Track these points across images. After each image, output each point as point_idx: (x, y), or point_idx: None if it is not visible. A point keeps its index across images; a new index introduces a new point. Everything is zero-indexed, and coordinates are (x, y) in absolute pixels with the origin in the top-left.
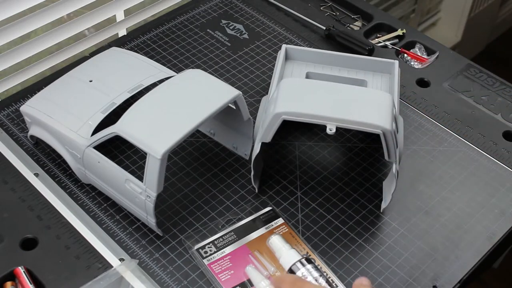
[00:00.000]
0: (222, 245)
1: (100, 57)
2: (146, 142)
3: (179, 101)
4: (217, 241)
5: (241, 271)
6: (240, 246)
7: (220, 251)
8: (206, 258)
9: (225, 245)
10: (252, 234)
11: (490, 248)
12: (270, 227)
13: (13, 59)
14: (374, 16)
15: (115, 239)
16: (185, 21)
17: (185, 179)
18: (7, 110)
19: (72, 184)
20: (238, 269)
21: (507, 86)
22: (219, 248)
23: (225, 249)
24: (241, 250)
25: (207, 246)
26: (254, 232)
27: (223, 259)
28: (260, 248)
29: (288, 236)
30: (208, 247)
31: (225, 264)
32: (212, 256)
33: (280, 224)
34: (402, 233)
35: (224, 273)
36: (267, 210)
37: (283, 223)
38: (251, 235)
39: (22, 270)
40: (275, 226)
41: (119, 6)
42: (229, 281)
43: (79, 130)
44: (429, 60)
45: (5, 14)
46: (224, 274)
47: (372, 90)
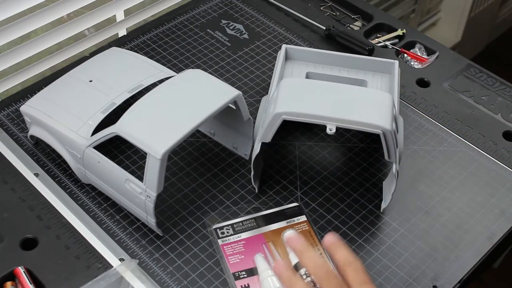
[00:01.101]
0: (240, 229)
1: (100, 57)
2: (146, 142)
3: (179, 101)
4: (236, 225)
5: (251, 258)
6: (257, 234)
7: (237, 235)
8: (221, 239)
9: (243, 230)
10: (271, 225)
11: (490, 248)
12: (291, 222)
13: (13, 59)
14: (374, 16)
15: (115, 239)
16: (185, 21)
17: (185, 179)
18: (7, 110)
19: (72, 184)
20: (249, 255)
21: (507, 86)
22: (236, 232)
23: (241, 234)
24: (257, 238)
25: (225, 228)
26: (274, 223)
27: (237, 243)
28: (276, 240)
29: (306, 234)
30: (226, 228)
31: (238, 248)
32: (227, 238)
33: (302, 221)
34: (402, 233)
35: (235, 256)
36: (293, 205)
37: (305, 221)
38: (271, 226)
39: (22, 270)
40: (296, 222)
41: (119, 6)
42: (237, 264)
43: (79, 130)
44: (429, 60)
45: (5, 14)
46: (234, 257)
47: (372, 90)
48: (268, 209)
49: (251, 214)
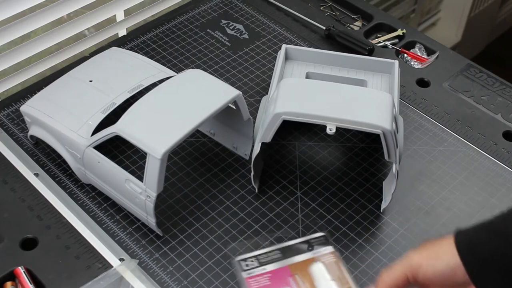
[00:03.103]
0: (265, 261)
1: (100, 57)
2: (146, 142)
3: (179, 101)
4: (261, 256)
5: None
6: (282, 267)
7: (262, 267)
8: (246, 271)
9: (268, 262)
10: (297, 256)
11: None
12: (317, 253)
13: (13, 59)
14: (374, 16)
15: (115, 239)
16: (185, 21)
17: (185, 179)
18: (7, 110)
19: (72, 184)
20: None
21: (507, 86)
22: (261, 264)
23: (266, 266)
24: (282, 271)
25: (250, 260)
26: (300, 254)
27: (262, 275)
28: (302, 272)
29: (333, 266)
30: (251, 260)
31: (263, 281)
32: (252, 271)
33: (328, 252)
34: (402, 233)
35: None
36: (319, 235)
37: (332, 252)
38: (296, 257)
39: (22, 270)
40: (323, 254)
41: (119, 6)
42: None
43: (79, 130)
44: (429, 60)
45: (5, 14)
46: None
47: (372, 90)
48: (292, 238)
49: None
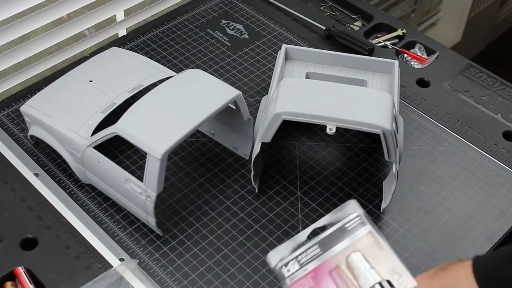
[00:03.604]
0: (305, 261)
1: (100, 57)
2: (146, 142)
3: (179, 101)
4: (301, 256)
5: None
6: (323, 262)
7: (303, 268)
8: (289, 277)
9: (308, 261)
10: (335, 247)
11: (490, 248)
12: (355, 237)
13: (13, 59)
14: (374, 16)
15: (115, 239)
16: (185, 21)
17: (185, 179)
18: (7, 110)
19: (72, 184)
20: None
21: (507, 86)
22: (302, 265)
23: (308, 265)
24: (324, 266)
25: (290, 263)
26: (337, 244)
27: (305, 277)
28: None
29: (372, 248)
30: (291, 263)
31: (307, 283)
32: (294, 275)
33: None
34: (402, 233)
35: None
36: (353, 216)
37: (369, 232)
38: (334, 248)
39: (22, 270)
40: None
41: (119, 6)
42: None
43: (79, 130)
44: (429, 60)
45: (5, 14)
46: None
47: (372, 90)
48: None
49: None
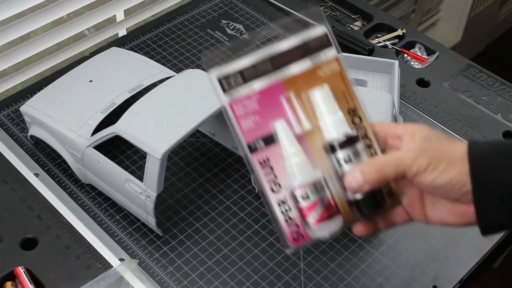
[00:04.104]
0: (252, 76)
1: (100, 57)
2: (146, 142)
3: (179, 101)
4: (246, 70)
5: (269, 118)
6: (274, 83)
7: (248, 85)
8: (228, 93)
9: (256, 77)
10: (292, 66)
11: (490, 248)
12: (317, 60)
13: (13, 59)
14: (374, 16)
15: (115, 239)
16: (185, 21)
17: (185, 179)
18: (7, 110)
19: (72, 184)
20: (266, 115)
21: (507, 86)
22: (246, 81)
23: (254, 83)
24: (274, 88)
25: (232, 77)
26: (295, 64)
27: (250, 98)
28: (298, 89)
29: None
30: (234, 77)
31: (251, 105)
32: (236, 92)
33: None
34: (402, 233)
35: (248, 119)
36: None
37: (335, 58)
38: (291, 68)
39: (22, 270)
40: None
41: (119, 6)
42: (251, 130)
43: (79, 130)
44: (429, 60)
45: (5, 14)
46: (247, 120)
47: (372, 90)
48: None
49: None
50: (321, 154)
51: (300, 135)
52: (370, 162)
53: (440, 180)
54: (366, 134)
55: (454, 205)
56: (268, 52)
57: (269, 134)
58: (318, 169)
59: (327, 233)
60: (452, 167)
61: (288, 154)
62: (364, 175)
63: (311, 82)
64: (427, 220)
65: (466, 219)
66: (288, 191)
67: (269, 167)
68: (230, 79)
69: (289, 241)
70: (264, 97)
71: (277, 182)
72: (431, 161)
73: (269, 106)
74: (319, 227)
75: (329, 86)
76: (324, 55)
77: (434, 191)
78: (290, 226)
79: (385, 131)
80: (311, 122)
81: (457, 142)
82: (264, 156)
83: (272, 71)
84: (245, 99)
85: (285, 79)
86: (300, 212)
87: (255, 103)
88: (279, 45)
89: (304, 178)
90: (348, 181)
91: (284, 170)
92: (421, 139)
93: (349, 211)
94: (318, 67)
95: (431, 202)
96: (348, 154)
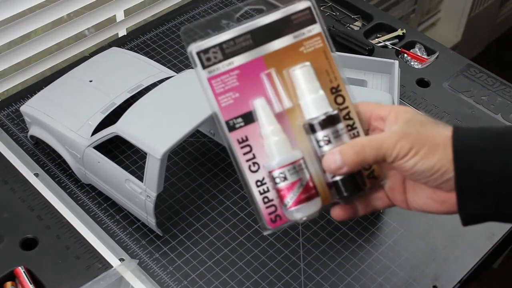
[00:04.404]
0: (232, 52)
1: (100, 57)
2: (146, 142)
3: (179, 101)
4: (226, 45)
5: (248, 96)
6: (255, 58)
7: (227, 60)
8: (207, 69)
9: (236, 52)
10: (274, 42)
11: (490, 248)
12: (300, 36)
13: (13, 59)
14: (374, 16)
15: (115, 239)
16: (185, 21)
17: (185, 179)
18: (7, 110)
19: (72, 184)
20: (245, 92)
21: (507, 86)
22: (226, 56)
23: (234, 58)
24: (255, 64)
25: (212, 51)
26: (277, 39)
27: (229, 73)
28: (280, 65)
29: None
30: (213, 52)
31: (231, 81)
32: (215, 67)
33: (314, 34)
34: (402, 233)
35: (227, 95)
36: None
37: (318, 34)
38: (273, 43)
39: (22, 270)
40: (307, 37)
41: (119, 6)
42: (230, 108)
43: (79, 130)
44: (429, 60)
45: (5, 14)
46: (226, 96)
47: (372, 90)
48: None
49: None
50: (302, 134)
51: (281, 113)
52: (349, 144)
53: (421, 166)
54: (349, 115)
55: (435, 192)
56: (249, 26)
57: (248, 111)
58: (298, 149)
59: (305, 215)
60: (434, 153)
61: (266, 133)
62: (343, 156)
63: (293, 59)
64: (408, 206)
65: (447, 207)
66: (266, 171)
67: (248, 146)
68: (209, 55)
69: (266, 223)
70: (244, 73)
71: (255, 161)
72: (413, 145)
73: (249, 83)
74: (297, 208)
75: (312, 63)
76: (307, 31)
77: (415, 177)
78: (268, 207)
79: (369, 112)
80: (292, 100)
81: (442, 126)
82: (242, 135)
83: (253, 47)
84: (224, 75)
85: (267, 55)
86: (278, 193)
87: (235, 79)
88: (261, 20)
89: (282, 158)
90: (327, 163)
91: (263, 150)
92: (405, 122)
93: (328, 193)
94: (301, 44)
95: (412, 188)
96: (328, 135)
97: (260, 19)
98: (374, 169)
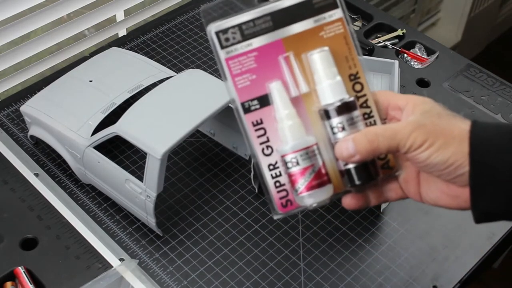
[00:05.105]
0: (251, 33)
1: (100, 57)
2: (146, 142)
3: (179, 101)
4: (246, 26)
5: (265, 78)
6: (274, 41)
7: (246, 42)
8: (225, 49)
9: (255, 34)
10: (294, 25)
11: (490, 248)
12: (321, 20)
13: (13, 59)
14: (374, 16)
15: (115, 239)
16: (185, 21)
17: (185, 179)
18: (7, 110)
19: (72, 184)
20: (263, 74)
21: (507, 86)
22: (245, 37)
23: (253, 40)
24: (274, 47)
25: (231, 31)
26: (297, 23)
27: (247, 55)
28: (299, 49)
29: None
30: (232, 32)
31: (248, 63)
32: (233, 48)
33: (335, 19)
34: (402, 233)
35: (244, 77)
36: None
37: (339, 19)
38: (293, 26)
39: (22, 270)
40: (328, 22)
41: (119, 6)
42: (246, 89)
43: (79, 130)
44: (429, 60)
45: (5, 14)
46: (243, 78)
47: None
48: None
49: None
50: (317, 119)
51: (297, 98)
52: (363, 132)
53: (435, 158)
54: (367, 103)
55: (448, 186)
56: (270, 8)
57: (264, 94)
58: (312, 135)
59: (316, 201)
60: (449, 146)
61: (281, 117)
62: (355, 144)
63: (312, 43)
64: (421, 199)
65: (459, 202)
66: (279, 156)
67: (262, 128)
68: (228, 35)
69: (277, 207)
70: (262, 55)
71: (269, 145)
72: (428, 137)
73: (266, 65)
74: (308, 194)
75: (332, 49)
76: (329, 15)
77: (429, 169)
78: (279, 191)
79: (386, 101)
80: (310, 84)
81: (459, 119)
82: (257, 117)
83: (273, 29)
84: (242, 56)
85: (286, 38)
86: (289, 177)
87: (253, 61)
88: (282, 2)
89: (296, 143)
90: (339, 150)
91: (277, 133)
92: (422, 113)
93: (341, 181)
94: (321, 28)
95: (426, 181)
96: (342, 122)
97: (281, 1)
98: (389, 159)
